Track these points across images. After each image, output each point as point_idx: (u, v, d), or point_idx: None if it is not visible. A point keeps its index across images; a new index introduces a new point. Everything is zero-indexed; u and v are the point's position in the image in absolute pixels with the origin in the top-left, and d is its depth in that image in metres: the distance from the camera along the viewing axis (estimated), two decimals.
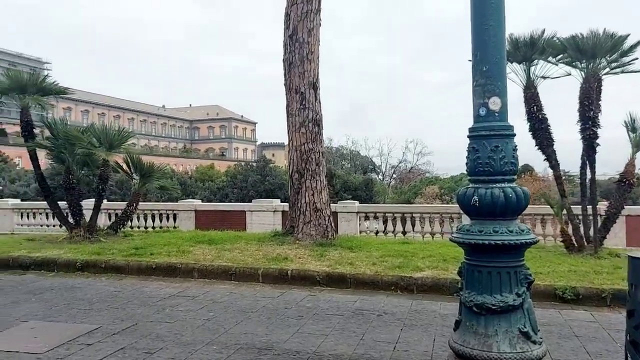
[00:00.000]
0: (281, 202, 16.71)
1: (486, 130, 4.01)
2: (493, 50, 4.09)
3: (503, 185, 3.97)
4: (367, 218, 15.18)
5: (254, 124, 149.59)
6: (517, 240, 3.89)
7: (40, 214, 18.07)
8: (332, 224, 10.41)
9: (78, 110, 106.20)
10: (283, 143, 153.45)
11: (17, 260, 9.25)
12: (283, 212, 15.30)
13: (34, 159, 11.96)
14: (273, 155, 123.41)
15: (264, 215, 15.39)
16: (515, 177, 4.17)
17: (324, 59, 10.57)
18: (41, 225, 18.00)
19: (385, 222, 14.79)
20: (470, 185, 4.09)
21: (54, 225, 16.97)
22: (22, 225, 18.49)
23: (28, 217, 18.54)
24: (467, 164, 4.16)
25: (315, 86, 10.43)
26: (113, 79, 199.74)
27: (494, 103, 4.10)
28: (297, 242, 9.86)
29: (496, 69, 4.10)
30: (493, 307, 3.89)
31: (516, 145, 4.13)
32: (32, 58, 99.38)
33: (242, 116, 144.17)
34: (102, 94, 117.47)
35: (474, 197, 3.98)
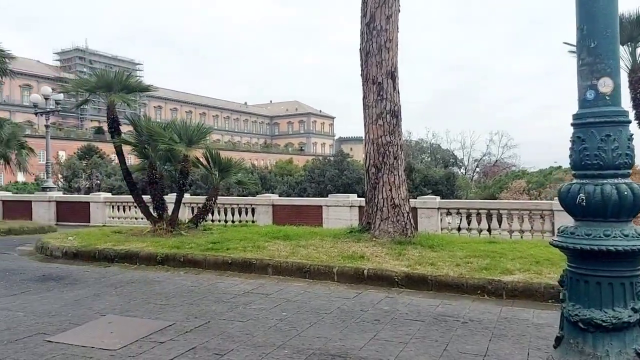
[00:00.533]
0: (358, 197, 16.36)
1: (595, 116, 3.41)
2: (603, 23, 3.46)
3: (616, 181, 3.36)
4: (448, 214, 14.46)
5: (332, 118, 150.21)
6: (634, 246, 3.27)
7: (130, 207, 18.96)
8: (412, 221, 9.90)
9: (167, 108, 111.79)
10: (361, 137, 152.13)
11: (103, 253, 9.59)
12: (360, 207, 14.94)
13: (120, 154, 12.44)
14: (351, 149, 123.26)
15: (340, 211, 15.11)
16: (630, 171, 3.53)
17: (402, 50, 10.03)
18: (130, 218, 18.89)
19: (468, 218, 14.01)
20: (575, 180, 3.51)
21: (142, 218, 17.60)
22: (113, 218, 19.52)
23: (118, 209, 19.54)
24: (570, 156, 3.57)
25: (393, 76, 9.94)
26: (199, 78, 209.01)
27: (605, 85, 3.48)
28: (374, 239, 9.46)
29: (607, 45, 3.46)
30: (604, 324, 3.31)
31: (632, 134, 3.49)
32: (125, 60, 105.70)
33: (320, 111, 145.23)
34: (190, 92, 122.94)
35: (580, 195, 3.40)
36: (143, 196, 12.87)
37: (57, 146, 79.41)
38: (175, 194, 12.22)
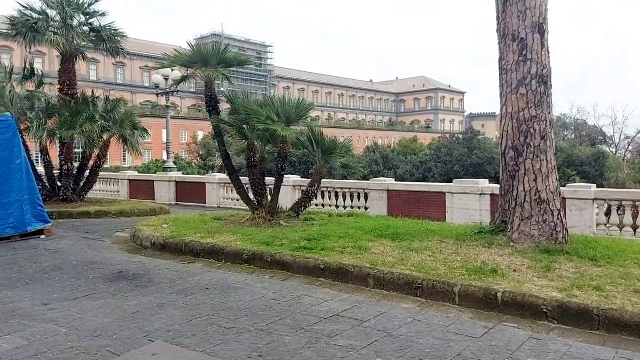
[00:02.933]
0: (490, 182, 13.93)
1: None
2: None
3: None
4: (606, 206, 11.51)
5: (462, 93, 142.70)
6: None
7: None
8: (564, 221, 7.50)
9: (295, 88, 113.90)
10: (494, 113, 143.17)
11: (189, 247, 8.58)
12: (492, 195, 12.57)
13: (218, 135, 11.47)
14: (482, 126, 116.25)
15: (467, 199, 12.85)
16: None
17: None
18: (242, 200, 18.26)
19: (635, 213, 11.00)
20: None
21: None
22: (226, 199, 19.11)
23: (231, 191, 19.01)
24: None
25: (542, 29, 7.52)
26: (328, 58, 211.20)
27: None
28: (512, 244, 7.27)
29: None
30: None
31: None
32: (257, 43, 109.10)
33: (449, 86, 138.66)
34: (316, 72, 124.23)
35: None
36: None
37: (197, 127, 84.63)
38: (275, 179, 10.94)
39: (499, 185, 10.27)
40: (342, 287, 6.50)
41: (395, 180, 16.61)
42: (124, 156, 70.88)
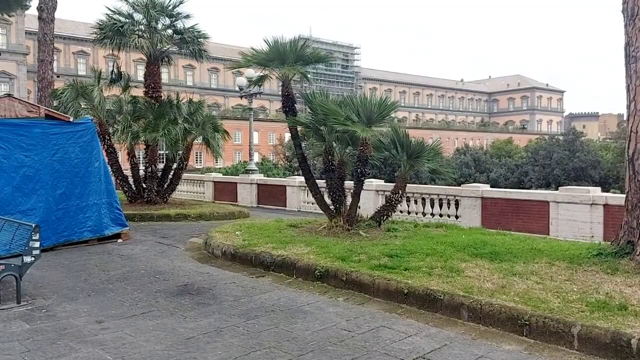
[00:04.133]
0: (602, 190, 12.18)
1: None
2: None
3: None
4: None
5: (561, 92, 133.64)
6: None
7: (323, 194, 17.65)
8: None
9: (382, 89, 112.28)
10: (597, 113, 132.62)
11: (259, 258, 7.93)
12: (605, 205, 10.87)
13: (295, 137, 10.80)
14: (584, 127, 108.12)
15: (575, 210, 11.20)
16: None
17: None
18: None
19: None
20: None
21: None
22: (306, 203, 18.51)
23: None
24: None
25: None
26: (420, 57, 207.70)
27: None
28: None
29: None
30: None
31: None
32: (344, 44, 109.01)
33: (547, 85, 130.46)
34: (404, 72, 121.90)
35: None
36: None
37: (284, 129, 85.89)
38: (354, 184, 10.06)
39: (612, 194, 8.70)
40: (429, 318, 5.49)
41: (489, 185, 15.13)
42: (216, 158, 73.26)
